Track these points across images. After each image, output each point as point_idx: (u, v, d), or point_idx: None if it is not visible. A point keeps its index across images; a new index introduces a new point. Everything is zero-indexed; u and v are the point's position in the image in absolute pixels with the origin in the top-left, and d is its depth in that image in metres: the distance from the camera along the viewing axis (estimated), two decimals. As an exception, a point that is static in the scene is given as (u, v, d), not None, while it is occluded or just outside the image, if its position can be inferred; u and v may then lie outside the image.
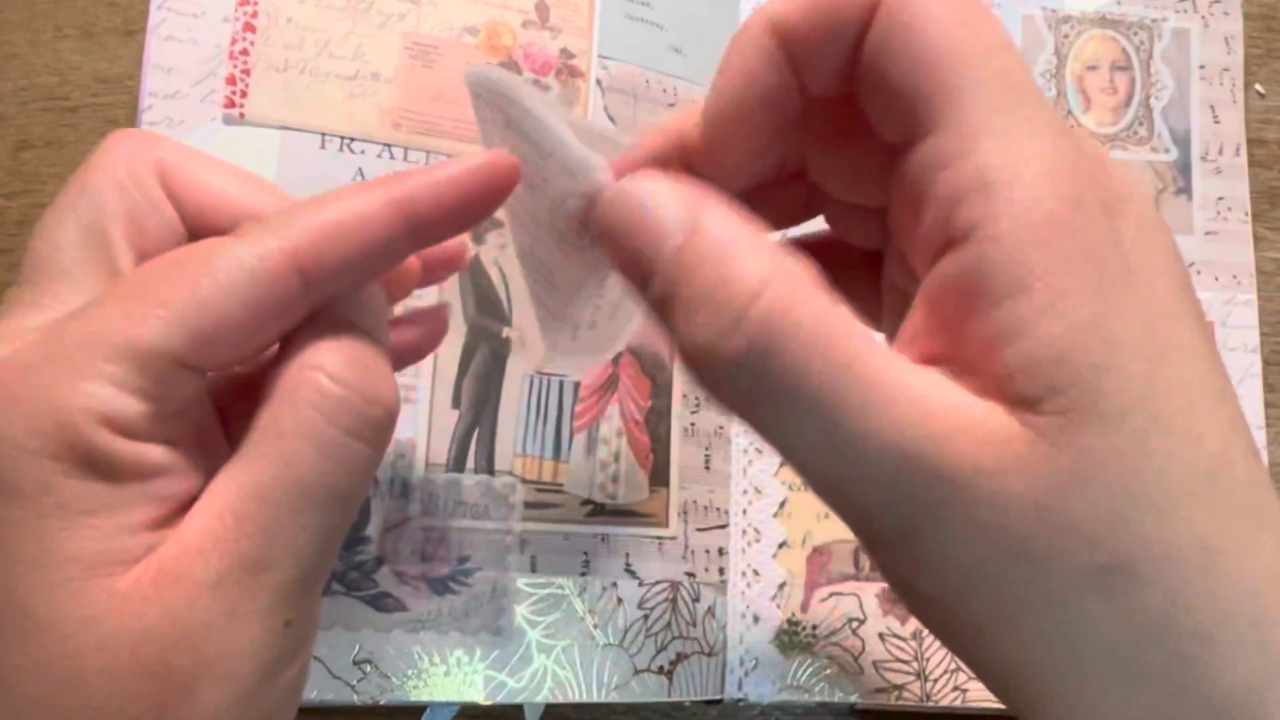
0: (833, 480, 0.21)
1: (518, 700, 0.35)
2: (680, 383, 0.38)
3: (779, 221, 0.28)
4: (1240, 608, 0.20)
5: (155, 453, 0.21)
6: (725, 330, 0.20)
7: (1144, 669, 0.20)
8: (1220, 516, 0.20)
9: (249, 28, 0.37)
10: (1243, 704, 0.20)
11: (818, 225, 0.28)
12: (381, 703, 0.34)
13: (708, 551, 0.37)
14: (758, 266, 0.20)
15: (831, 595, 0.38)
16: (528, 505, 0.36)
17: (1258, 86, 0.43)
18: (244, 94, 0.36)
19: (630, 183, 0.22)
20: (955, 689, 0.37)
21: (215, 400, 0.25)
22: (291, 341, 0.23)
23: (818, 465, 0.20)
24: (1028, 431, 0.19)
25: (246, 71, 0.37)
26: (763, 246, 0.21)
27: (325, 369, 0.22)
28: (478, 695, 0.35)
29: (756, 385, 0.20)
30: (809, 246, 0.27)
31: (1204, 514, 0.20)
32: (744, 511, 0.38)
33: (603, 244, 0.23)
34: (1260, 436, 0.41)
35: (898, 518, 0.20)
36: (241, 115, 0.36)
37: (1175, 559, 0.20)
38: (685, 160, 0.25)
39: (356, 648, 0.34)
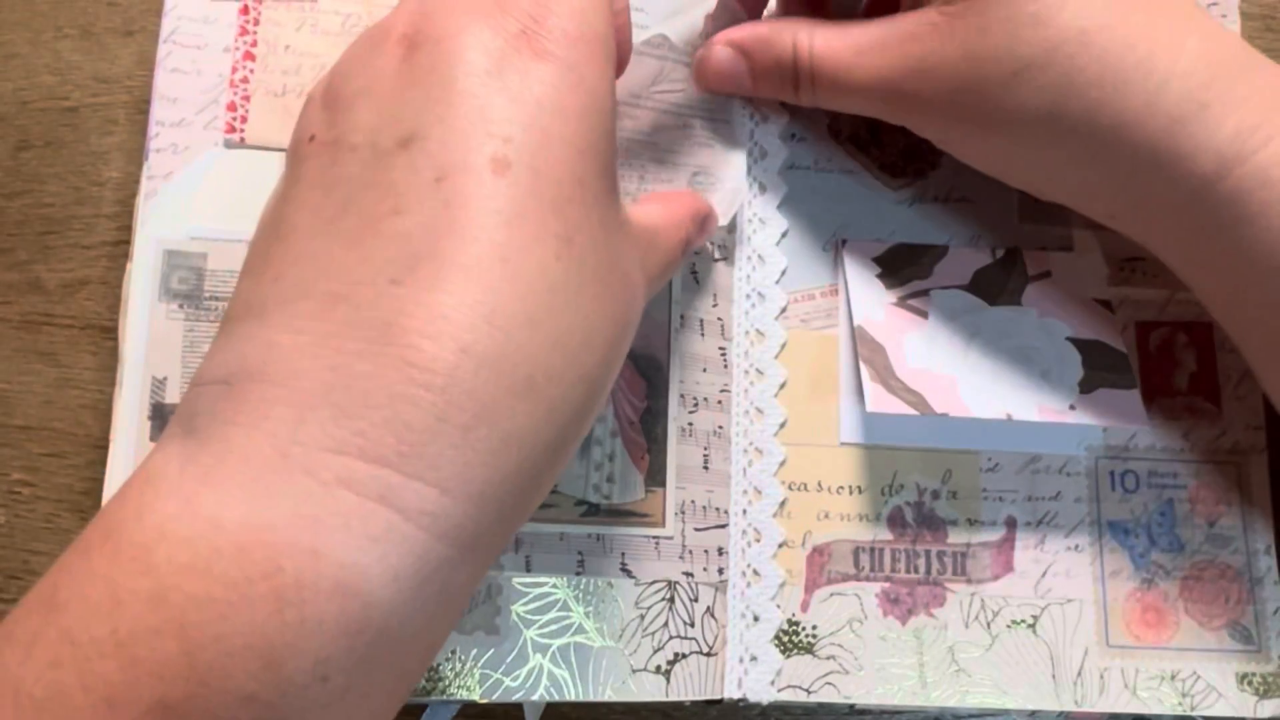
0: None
1: (514, 699, 0.35)
2: (677, 383, 0.38)
3: None
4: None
5: None
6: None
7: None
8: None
9: (249, 56, 0.38)
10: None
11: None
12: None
13: (706, 551, 0.37)
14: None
15: (831, 595, 0.38)
16: (522, 505, 0.36)
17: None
18: (244, 119, 0.38)
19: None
20: (955, 689, 0.37)
21: None
22: None
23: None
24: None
25: (246, 98, 0.38)
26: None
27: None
28: (474, 694, 0.35)
29: None
30: None
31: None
32: (744, 511, 0.38)
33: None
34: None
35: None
36: (242, 139, 0.38)
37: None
38: None
39: (350, 646, 0.34)
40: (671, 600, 0.37)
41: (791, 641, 0.37)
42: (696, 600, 0.37)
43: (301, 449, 0.23)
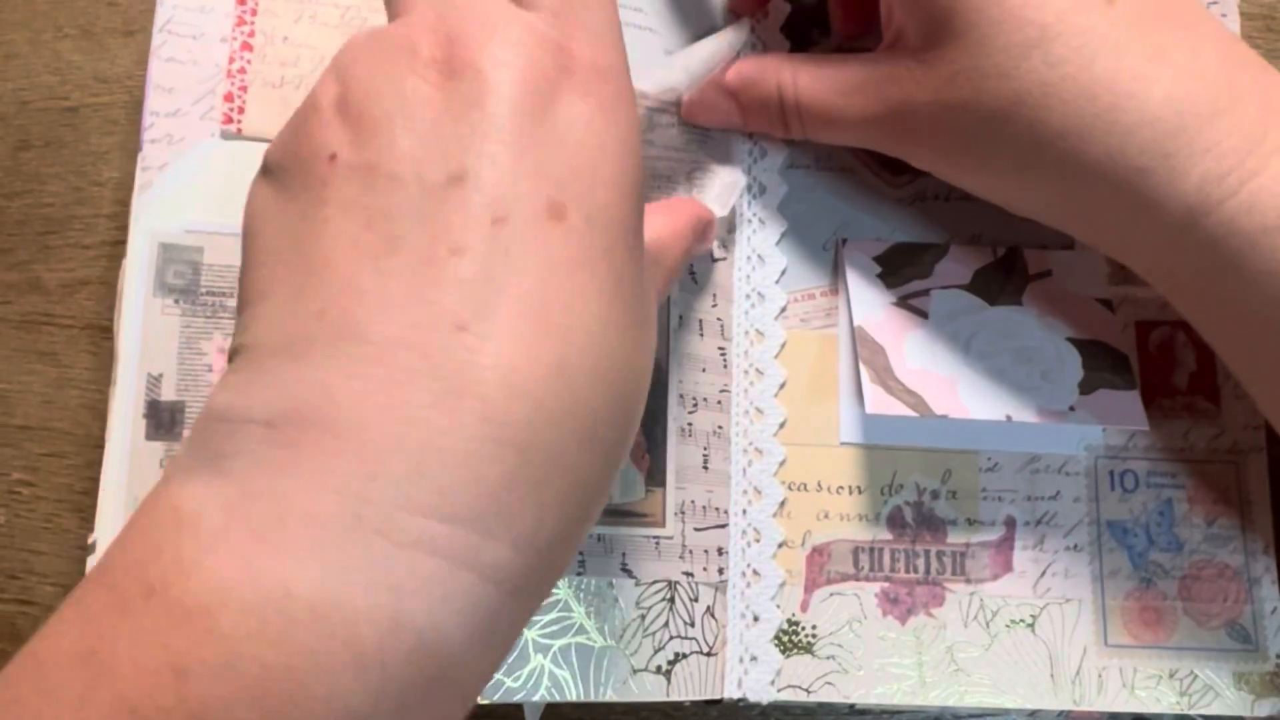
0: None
1: (515, 699, 0.35)
2: (676, 383, 0.38)
3: None
4: None
5: None
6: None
7: None
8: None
9: (246, 47, 0.38)
10: None
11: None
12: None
13: (706, 551, 0.37)
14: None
15: (831, 595, 0.38)
16: (522, 506, 0.36)
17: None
18: (241, 110, 0.37)
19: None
20: (954, 688, 0.37)
21: None
22: None
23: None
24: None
25: (244, 89, 0.38)
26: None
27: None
28: (474, 695, 0.35)
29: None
30: None
31: None
32: (744, 511, 0.38)
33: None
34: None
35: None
36: (239, 130, 0.37)
37: None
38: None
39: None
40: (672, 600, 0.37)
41: (791, 641, 0.37)
42: (696, 600, 0.37)
43: (374, 509, 0.22)
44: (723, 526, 0.38)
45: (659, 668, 0.36)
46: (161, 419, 0.35)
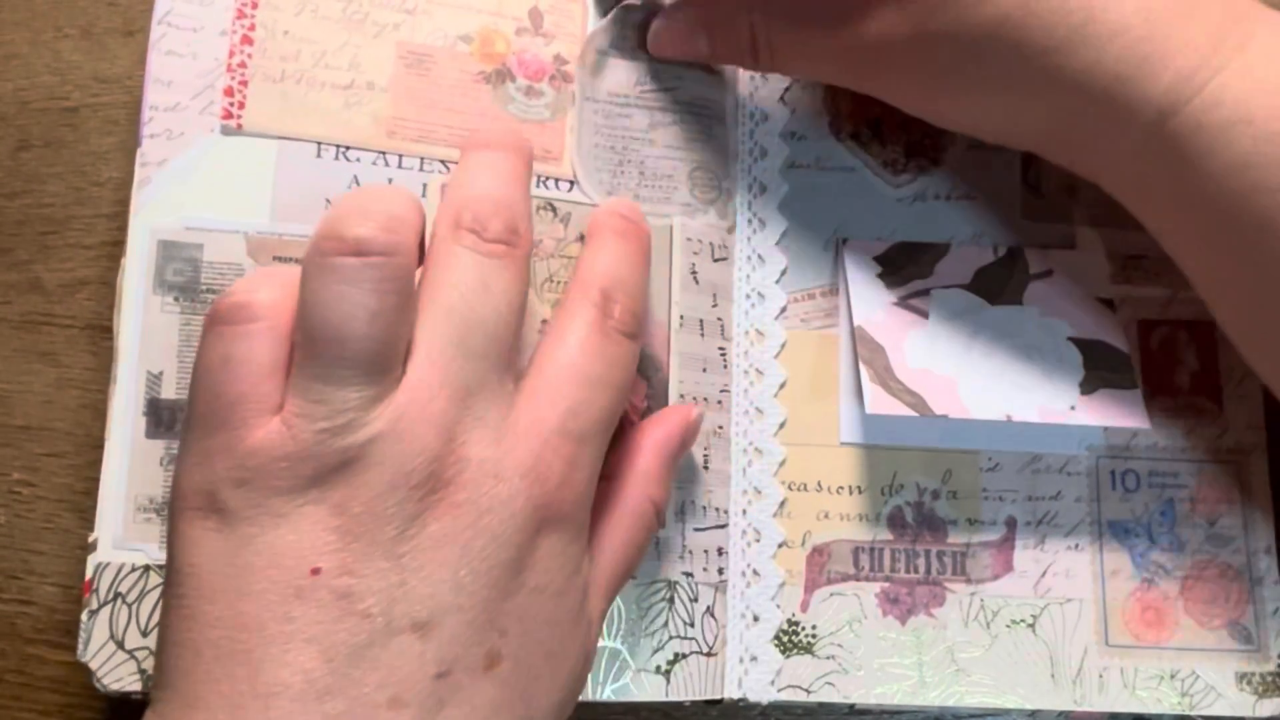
0: None
1: (514, 700, 0.35)
2: (677, 383, 0.38)
3: None
4: None
5: None
6: None
7: None
8: None
9: (246, 40, 0.38)
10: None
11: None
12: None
13: (706, 551, 0.37)
14: None
15: (831, 595, 0.38)
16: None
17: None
18: (241, 105, 0.37)
19: None
20: (954, 688, 0.37)
21: None
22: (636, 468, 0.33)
23: None
24: None
25: (244, 83, 0.37)
26: None
27: (660, 507, 0.33)
28: (474, 695, 0.35)
29: None
30: None
31: None
32: (744, 511, 0.38)
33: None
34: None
35: None
36: (239, 126, 0.37)
37: None
38: None
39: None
40: (671, 600, 0.37)
41: (791, 641, 0.37)
42: (696, 600, 0.37)
43: None
44: (723, 527, 0.38)
45: (658, 668, 0.36)
46: (161, 417, 0.35)
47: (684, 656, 0.36)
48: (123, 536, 0.35)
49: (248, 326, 0.27)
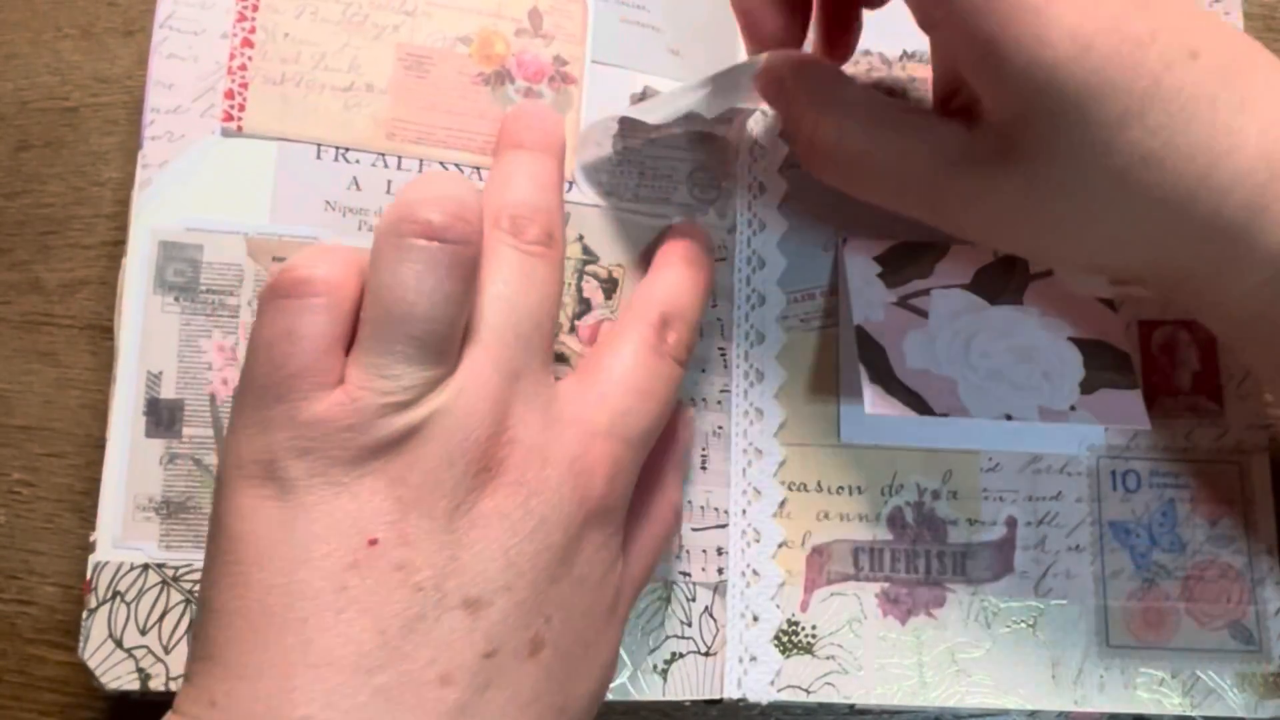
0: None
1: (513, 700, 0.35)
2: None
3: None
4: None
5: None
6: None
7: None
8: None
9: (247, 43, 0.38)
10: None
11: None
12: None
13: (705, 551, 0.37)
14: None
15: (831, 595, 0.38)
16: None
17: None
18: (242, 107, 0.37)
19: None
20: (955, 689, 0.37)
21: None
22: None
23: None
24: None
25: (244, 86, 0.37)
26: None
27: (678, 510, 0.35)
28: (473, 695, 0.35)
29: None
30: None
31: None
32: (743, 512, 0.38)
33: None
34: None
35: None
36: (240, 128, 0.37)
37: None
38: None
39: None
40: (667, 600, 0.37)
41: (791, 641, 0.37)
42: (694, 600, 0.37)
43: None
44: (722, 527, 0.38)
45: (656, 667, 0.36)
46: (161, 416, 0.35)
47: (681, 656, 0.36)
48: (122, 536, 0.35)
49: (311, 300, 0.28)
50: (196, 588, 0.34)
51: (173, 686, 0.34)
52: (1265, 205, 0.30)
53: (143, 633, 0.34)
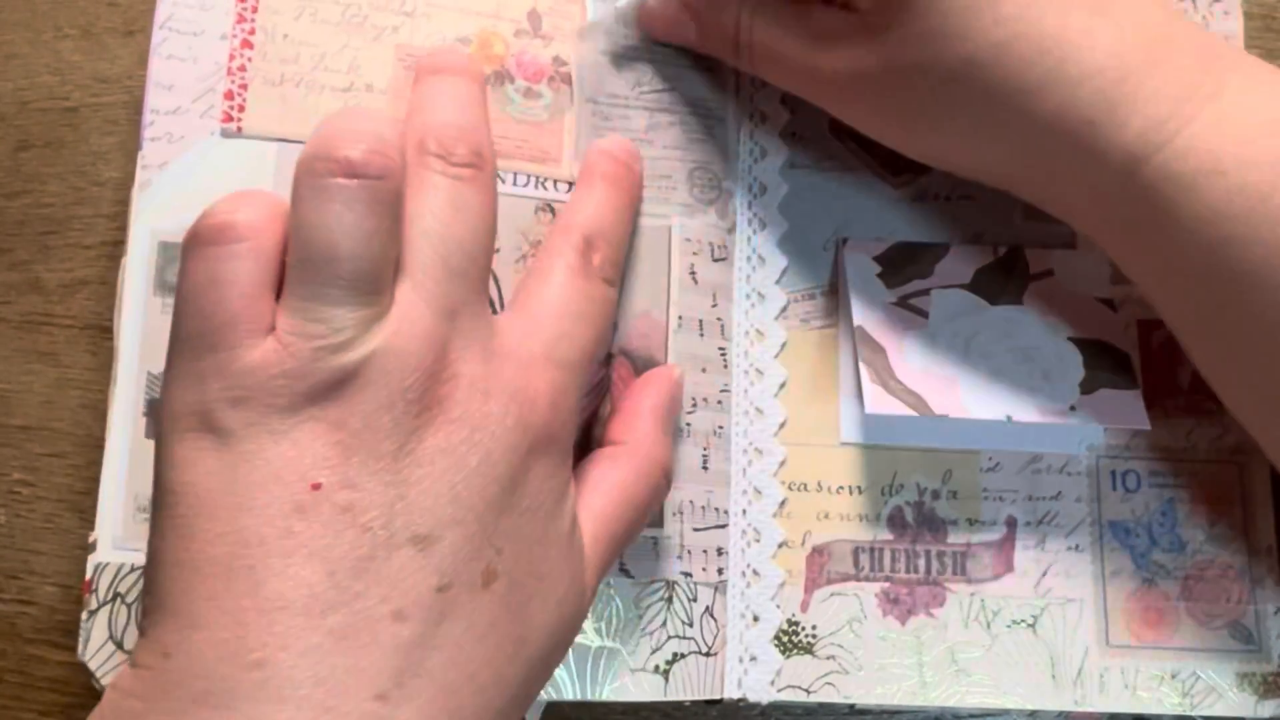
0: None
1: (514, 700, 0.35)
2: (676, 383, 0.38)
3: None
4: None
5: None
6: None
7: None
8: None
9: (246, 44, 0.38)
10: None
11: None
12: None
13: (705, 551, 0.37)
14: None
15: (831, 595, 0.38)
16: (521, 506, 0.36)
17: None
18: (241, 108, 0.37)
19: None
20: (955, 689, 0.37)
21: None
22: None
23: None
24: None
25: (244, 86, 0.37)
26: None
27: (666, 468, 0.34)
28: (473, 695, 0.35)
29: None
30: None
31: None
32: (743, 511, 0.38)
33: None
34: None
35: None
36: (239, 129, 0.37)
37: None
38: None
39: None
40: (670, 600, 0.37)
41: (791, 641, 0.37)
42: (695, 600, 0.37)
43: None
44: (722, 527, 0.38)
45: (657, 667, 0.36)
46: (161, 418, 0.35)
47: (682, 656, 0.36)
48: (122, 536, 0.35)
49: (233, 247, 0.27)
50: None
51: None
52: (1116, 102, 0.32)
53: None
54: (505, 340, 0.30)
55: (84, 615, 0.34)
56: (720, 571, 0.38)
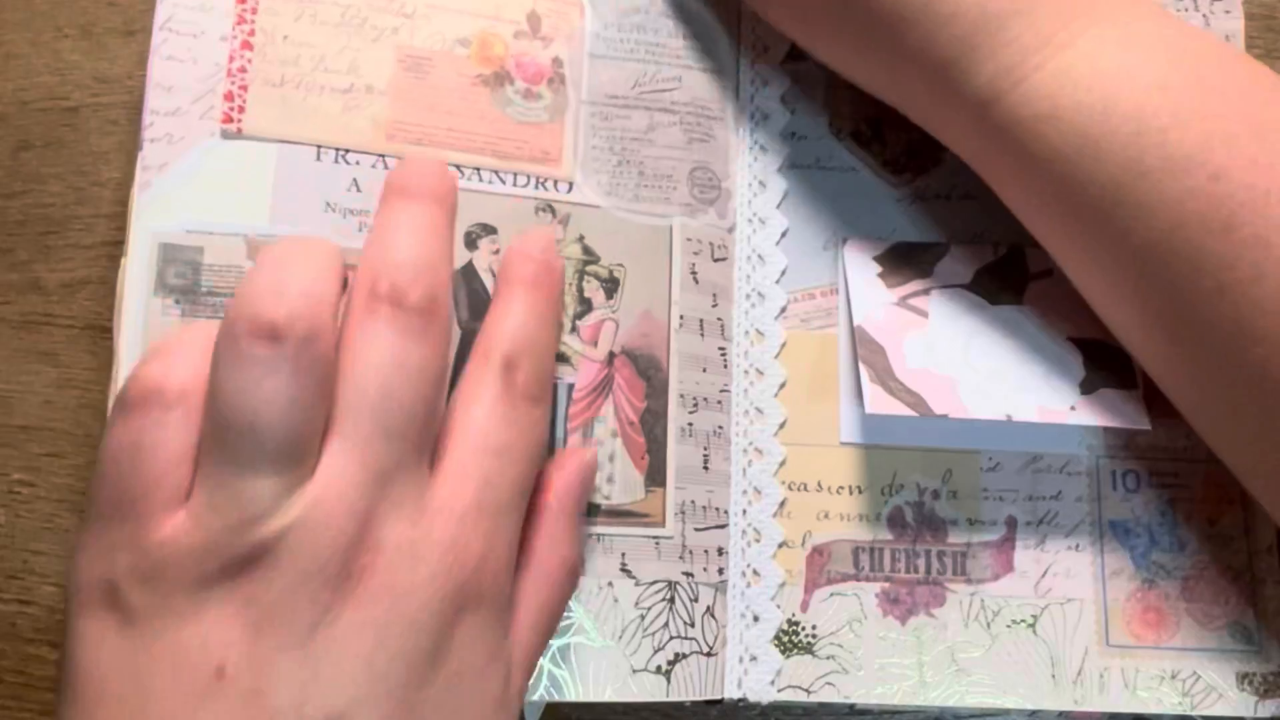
0: None
1: (514, 700, 0.35)
2: (676, 383, 0.38)
3: None
4: None
5: None
6: None
7: None
8: None
9: (246, 45, 0.38)
10: None
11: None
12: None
13: (706, 551, 0.37)
14: None
15: (831, 595, 0.38)
16: (522, 506, 0.36)
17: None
18: (241, 109, 0.37)
19: None
20: (955, 688, 0.37)
21: None
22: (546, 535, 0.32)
23: None
24: None
25: (244, 88, 0.37)
26: None
27: (573, 565, 0.33)
28: (473, 695, 0.35)
29: None
30: None
31: None
32: (744, 512, 0.38)
33: None
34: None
35: None
36: (239, 130, 0.37)
37: None
38: None
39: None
40: (672, 600, 0.37)
41: (791, 641, 0.37)
42: (696, 600, 0.37)
43: None
44: (723, 527, 0.38)
45: (659, 668, 0.36)
46: (162, 419, 0.35)
47: (684, 656, 0.36)
48: (123, 537, 0.35)
49: (158, 416, 0.26)
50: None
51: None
52: (974, 46, 0.33)
53: (143, 633, 0.34)
54: (435, 495, 0.28)
55: (84, 615, 0.34)
56: (721, 571, 0.38)
